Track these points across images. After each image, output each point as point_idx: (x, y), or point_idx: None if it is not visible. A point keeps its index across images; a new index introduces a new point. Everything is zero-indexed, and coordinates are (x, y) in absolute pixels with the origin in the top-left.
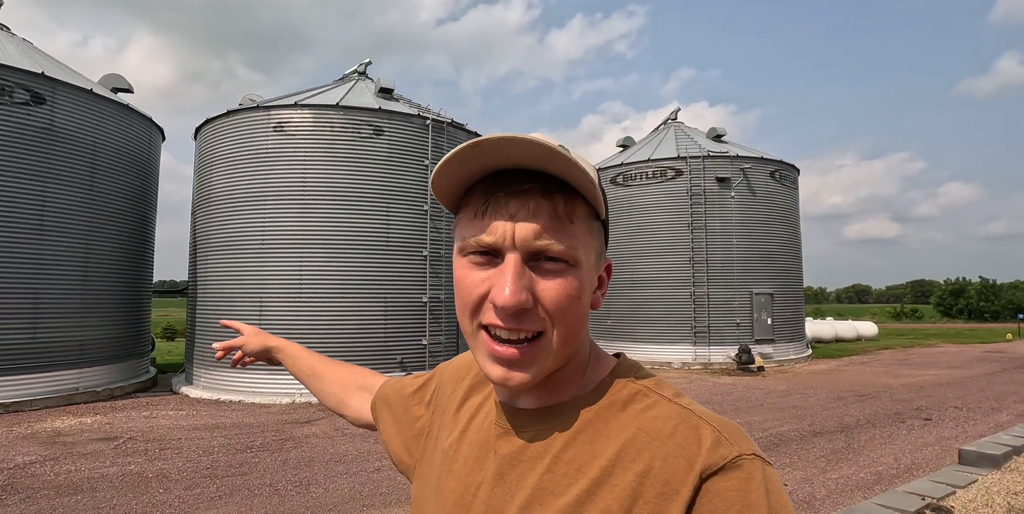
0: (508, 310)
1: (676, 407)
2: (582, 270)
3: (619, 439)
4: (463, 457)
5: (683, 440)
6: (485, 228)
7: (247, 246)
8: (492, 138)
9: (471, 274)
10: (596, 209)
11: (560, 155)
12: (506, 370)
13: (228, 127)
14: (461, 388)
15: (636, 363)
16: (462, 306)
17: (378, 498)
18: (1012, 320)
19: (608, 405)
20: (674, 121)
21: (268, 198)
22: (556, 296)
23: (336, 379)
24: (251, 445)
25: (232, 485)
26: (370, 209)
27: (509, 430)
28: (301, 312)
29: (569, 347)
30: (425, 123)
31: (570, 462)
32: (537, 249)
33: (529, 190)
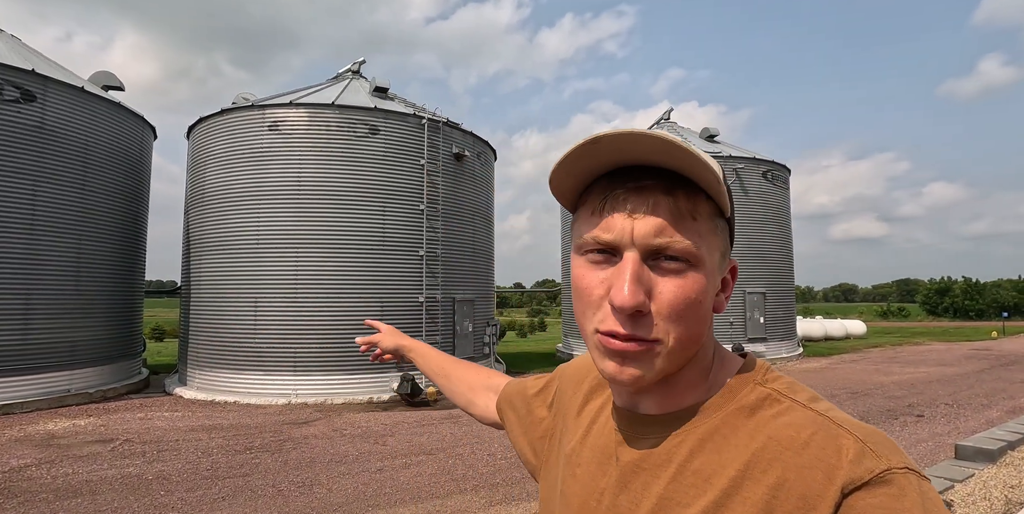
0: (626, 310)
1: (811, 414)
2: (704, 270)
3: (748, 448)
4: (585, 462)
5: (821, 451)
6: (603, 226)
7: (242, 246)
8: (611, 133)
9: (589, 274)
10: (721, 207)
11: (683, 150)
12: (619, 364)
13: (222, 126)
14: (581, 391)
15: (765, 364)
16: (581, 307)
17: (383, 498)
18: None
19: (735, 411)
20: (667, 121)
21: (263, 198)
22: (674, 298)
23: (463, 379)
24: (250, 446)
25: (235, 486)
26: (366, 209)
27: (631, 436)
28: (297, 312)
29: (687, 351)
30: (421, 122)
31: (697, 472)
32: (656, 247)
33: (649, 186)
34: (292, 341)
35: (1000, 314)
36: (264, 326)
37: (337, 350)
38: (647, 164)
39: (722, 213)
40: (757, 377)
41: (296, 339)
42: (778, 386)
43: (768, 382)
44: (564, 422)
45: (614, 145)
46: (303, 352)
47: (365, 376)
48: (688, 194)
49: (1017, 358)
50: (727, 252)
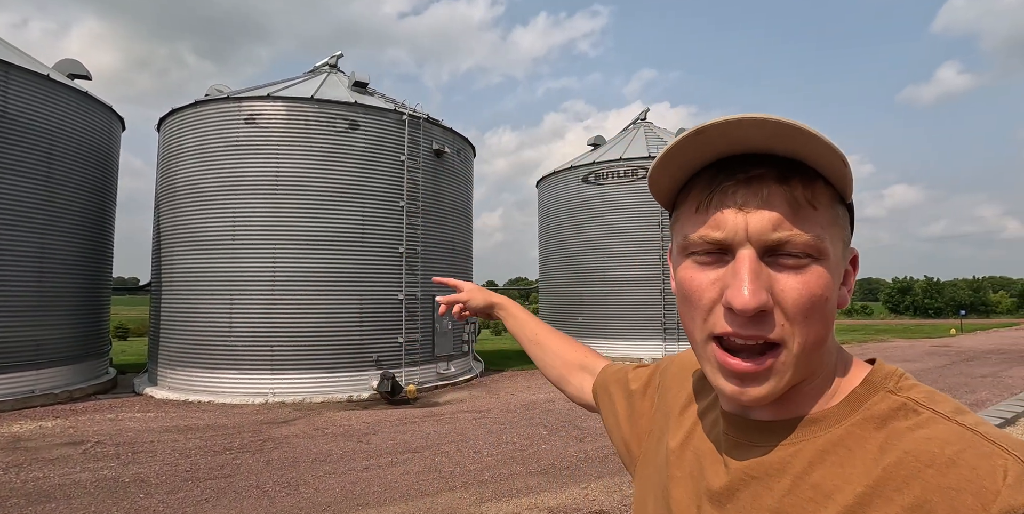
0: (747, 313)
1: (958, 428)
2: (829, 264)
3: (879, 463)
4: (688, 465)
5: (972, 471)
6: (711, 223)
7: (217, 242)
8: (719, 122)
9: (698, 276)
10: (842, 192)
11: (799, 130)
12: (739, 385)
13: (196, 118)
14: (684, 390)
15: (896, 371)
16: (690, 312)
17: (371, 497)
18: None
19: (862, 421)
20: (643, 121)
21: (239, 192)
22: (799, 296)
23: (559, 353)
24: (229, 446)
25: (217, 488)
26: (346, 205)
27: (740, 443)
28: (274, 310)
29: (814, 356)
30: (401, 118)
31: (817, 486)
32: (775, 242)
33: (760, 176)
34: (269, 339)
35: (958, 312)
36: (240, 324)
37: (316, 348)
38: (755, 152)
39: (842, 199)
40: (889, 384)
41: (273, 337)
42: (915, 395)
43: (902, 390)
44: (666, 421)
45: (722, 134)
46: (280, 350)
47: (344, 374)
48: (805, 181)
49: (976, 354)
50: (849, 240)
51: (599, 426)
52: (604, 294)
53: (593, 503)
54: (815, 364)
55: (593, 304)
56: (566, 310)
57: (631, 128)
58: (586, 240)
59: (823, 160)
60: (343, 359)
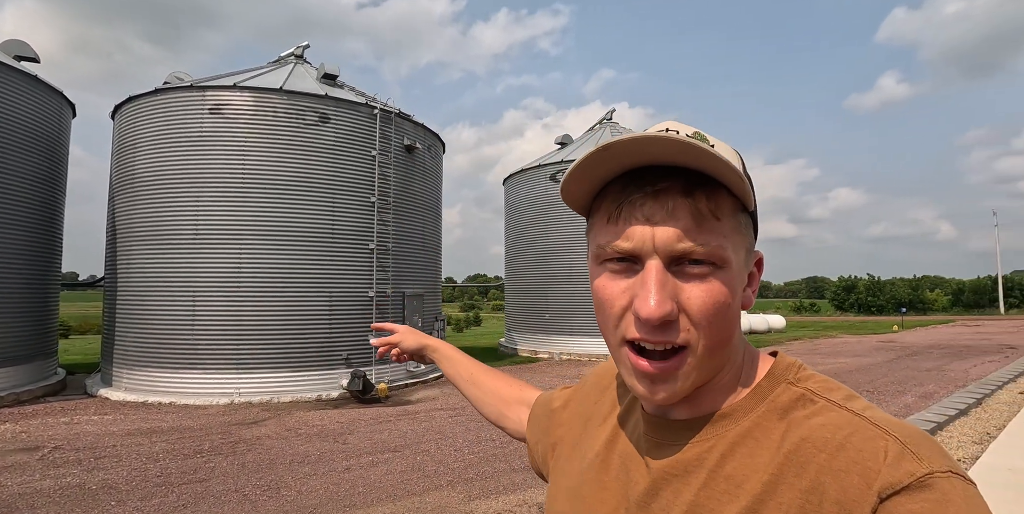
0: (653, 322)
1: (847, 414)
2: (731, 271)
3: (781, 451)
4: (614, 469)
5: (857, 453)
6: (621, 233)
7: (179, 236)
8: (624, 139)
9: (609, 284)
10: (744, 201)
11: (698, 150)
12: (650, 385)
13: (156, 106)
14: (606, 397)
15: (796, 363)
16: (603, 319)
17: (357, 498)
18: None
19: (767, 413)
20: (609, 121)
21: (203, 185)
22: (703, 303)
23: (496, 390)
24: (199, 449)
25: (194, 493)
26: (315, 200)
27: (660, 443)
28: (240, 307)
29: (718, 356)
30: (373, 112)
31: (729, 477)
32: (680, 253)
33: (666, 189)
34: (234, 338)
35: (898, 309)
36: (203, 322)
37: (284, 346)
38: (662, 164)
39: (745, 207)
40: (789, 376)
41: (239, 335)
42: (811, 385)
43: (801, 381)
44: (585, 428)
45: (627, 150)
46: (247, 349)
47: (313, 373)
48: (709, 193)
49: (919, 349)
50: (752, 246)
51: None
52: (571, 291)
53: None
54: (721, 362)
55: (560, 301)
56: (533, 307)
57: (597, 128)
58: (554, 238)
59: (724, 175)
60: (312, 357)
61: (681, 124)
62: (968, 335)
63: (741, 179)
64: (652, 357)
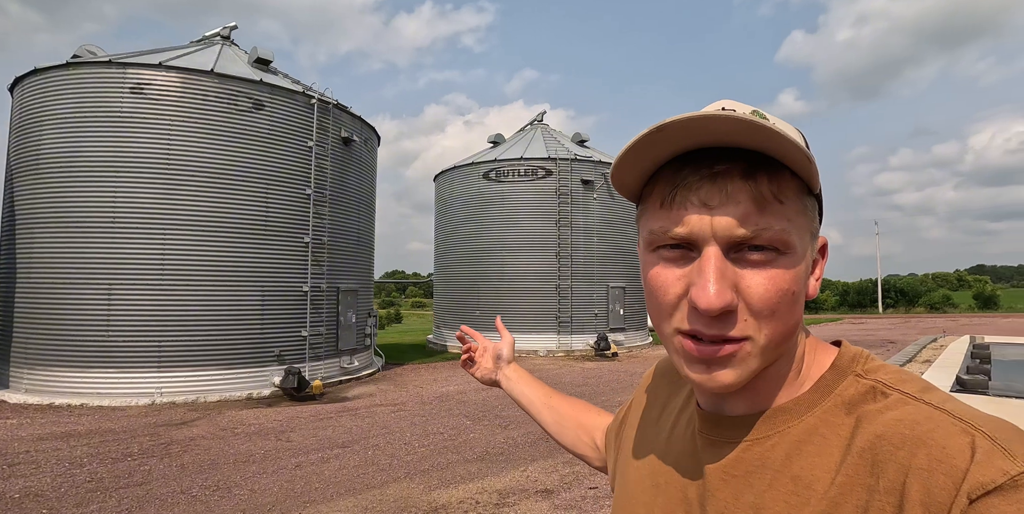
0: (712, 313)
1: (926, 407)
2: (796, 257)
3: (853, 449)
4: (667, 470)
5: (940, 450)
6: (676, 219)
7: (93, 224)
8: (680, 119)
9: (664, 272)
10: (808, 183)
11: (761, 128)
12: (706, 369)
13: (67, 82)
14: (659, 398)
15: (862, 352)
16: (657, 308)
17: (315, 494)
18: None
19: (832, 408)
20: (540, 123)
21: (122, 169)
22: (765, 292)
23: (574, 416)
24: (127, 452)
25: (135, 496)
26: (247, 190)
27: (716, 441)
28: (162, 301)
29: (780, 347)
30: (310, 102)
31: (797, 478)
32: (739, 239)
33: (725, 171)
34: (156, 334)
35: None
36: (120, 317)
37: (211, 343)
38: (720, 145)
39: (810, 190)
40: (856, 367)
41: (161, 331)
42: (882, 376)
43: (870, 372)
44: (644, 429)
45: (683, 131)
46: (169, 346)
47: (242, 370)
48: (771, 175)
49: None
50: (817, 231)
51: (520, 413)
52: (501, 288)
53: (536, 483)
54: (781, 352)
55: (490, 298)
56: (463, 303)
57: (528, 128)
58: (485, 235)
59: (788, 155)
60: (242, 354)
61: (738, 103)
62: (855, 331)
63: (807, 159)
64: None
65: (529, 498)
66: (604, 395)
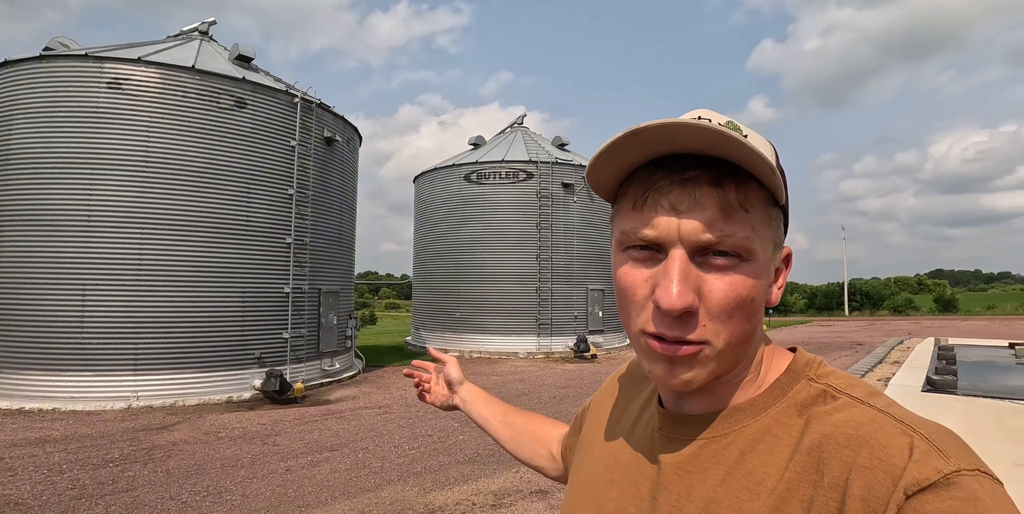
0: (673, 313)
1: (871, 410)
2: (757, 264)
3: (802, 447)
4: (624, 466)
5: (882, 450)
6: (646, 221)
7: (66, 221)
8: (652, 125)
9: (632, 272)
10: (774, 194)
11: (729, 139)
12: (669, 367)
13: (40, 74)
14: (621, 397)
15: (815, 359)
16: (625, 307)
17: (310, 497)
18: None
19: (785, 409)
20: (520, 126)
21: (98, 166)
22: (725, 296)
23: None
24: (108, 458)
25: (123, 503)
26: (228, 189)
27: (674, 438)
28: (140, 303)
29: (738, 351)
30: (293, 101)
31: (749, 474)
32: (705, 244)
33: (694, 178)
34: (132, 336)
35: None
36: (95, 318)
37: (190, 345)
38: (692, 153)
39: (776, 201)
40: (809, 372)
41: (138, 333)
42: (833, 381)
43: (821, 377)
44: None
45: (655, 137)
46: (146, 348)
47: (222, 373)
48: (738, 184)
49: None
50: (781, 241)
51: None
52: (481, 290)
53: (529, 484)
54: (740, 356)
55: (470, 300)
56: (443, 306)
57: (508, 131)
58: (466, 237)
59: (755, 167)
60: (222, 357)
61: (713, 113)
62: (824, 333)
63: (773, 172)
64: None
65: (525, 499)
66: (588, 396)
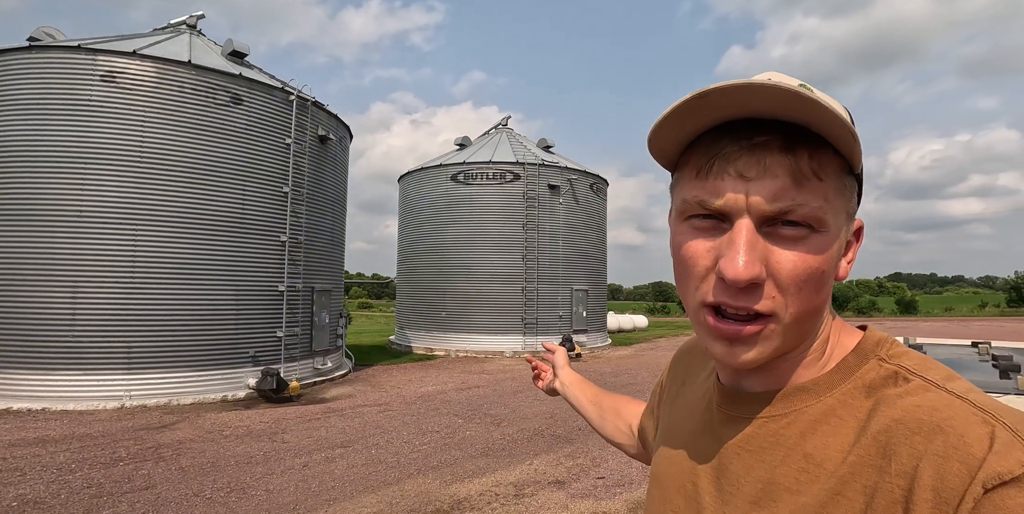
0: (739, 285)
1: (947, 395)
2: (828, 236)
3: (868, 431)
4: (683, 443)
5: (959, 438)
6: (711, 189)
7: (56, 217)
8: (723, 86)
9: (694, 243)
10: (851, 162)
11: (806, 100)
12: (728, 346)
13: (30, 65)
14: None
15: (887, 338)
16: (685, 279)
17: (334, 492)
18: None
19: (852, 390)
20: (504, 127)
21: (91, 161)
22: (794, 268)
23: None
24: (116, 457)
25: (148, 500)
26: (223, 186)
27: (734, 416)
28: (133, 300)
29: (805, 327)
30: (289, 98)
31: (809, 456)
32: (773, 213)
33: (764, 143)
34: (125, 334)
35: None
36: (86, 316)
37: (184, 344)
38: (762, 117)
39: (851, 169)
40: (880, 351)
41: (131, 332)
42: (906, 362)
43: (893, 358)
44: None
45: (725, 99)
46: (140, 347)
47: (216, 372)
48: (812, 150)
49: None
50: (854, 212)
51: (508, 411)
52: (467, 290)
53: (545, 475)
54: (807, 333)
55: (456, 299)
56: (429, 305)
57: (493, 132)
58: (453, 237)
59: (833, 131)
60: (216, 355)
61: (784, 75)
62: None
63: (852, 136)
64: (733, 319)
65: (544, 489)
66: None
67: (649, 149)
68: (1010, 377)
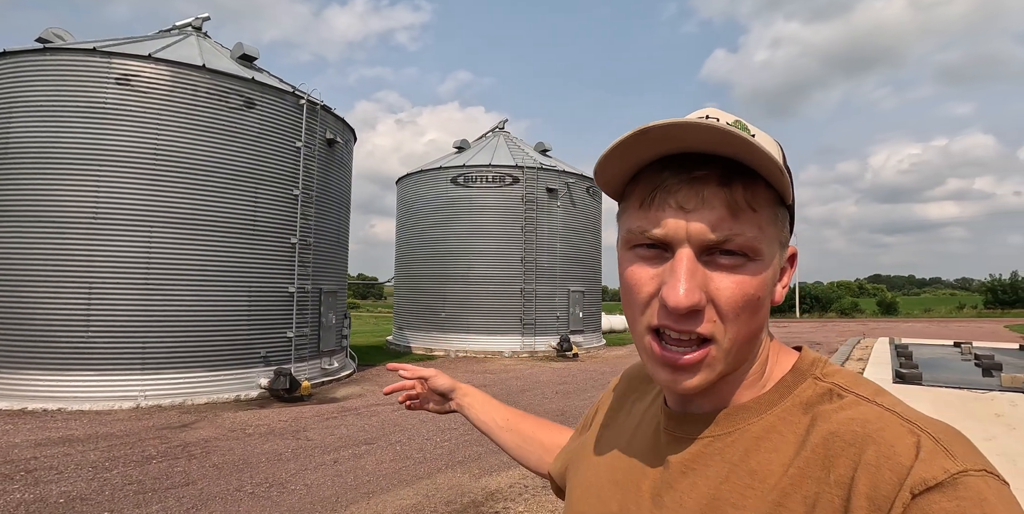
0: (680, 311)
1: (877, 408)
2: (763, 263)
3: (807, 445)
4: (628, 466)
5: (888, 448)
6: (653, 220)
7: (72, 219)
8: (661, 124)
9: (639, 271)
10: (782, 194)
11: (739, 139)
12: (672, 373)
13: (44, 67)
14: (624, 397)
15: (820, 358)
16: (630, 305)
17: (371, 485)
18: None
19: (792, 407)
20: (502, 130)
21: (106, 163)
22: (732, 295)
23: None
24: (146, 455)
25: (193, 495)
26: (236, 189)
27: (679, 437)
28: (148, 301)
29: (744, 350)
30: (299, 103)
31: (753, 472)
32: (712, 243)
33: (703, 177)
34: (140, 335)
35: None
36: (101, 318)
37: (198, 344)
38: (700, 152)
39: (783, 200)
40: (815, 371)
41: (145, 333)
42: (839, 380)
43: (828, 376)
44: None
45: (665, 135)
46: (154, 347)
47: (229, 372)
48: (746, 183)
49: None
50: (787, 240)
51: (520, 409)
52: (467, 291)
53: None
54: (746, 355)
55: (456, 300)
56: (428, 306)
57: (490, 135)
58: (452, 239)
59: (763, 167)
60: (229, 356)
61: (721, 111)
62: (782, 334)
63: (781, 172)
64: (675, 348)
65: None
66: (588, 391)
67: (596, 181)
68: (993, 375)
